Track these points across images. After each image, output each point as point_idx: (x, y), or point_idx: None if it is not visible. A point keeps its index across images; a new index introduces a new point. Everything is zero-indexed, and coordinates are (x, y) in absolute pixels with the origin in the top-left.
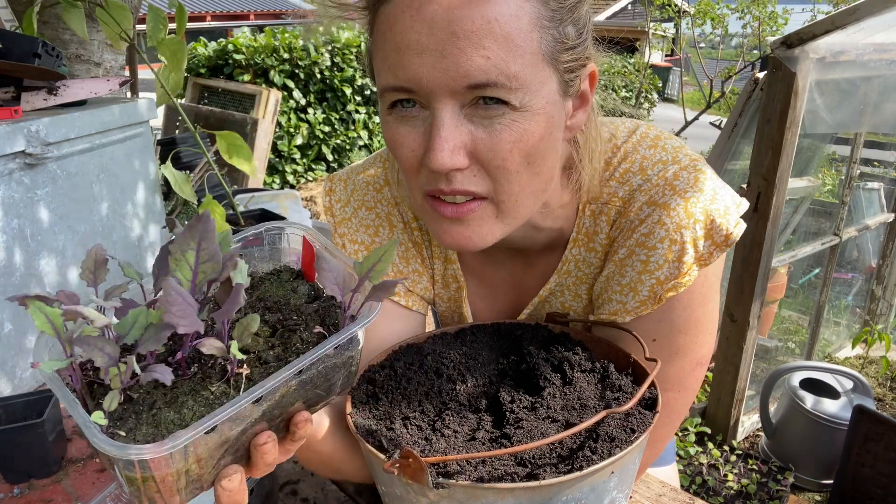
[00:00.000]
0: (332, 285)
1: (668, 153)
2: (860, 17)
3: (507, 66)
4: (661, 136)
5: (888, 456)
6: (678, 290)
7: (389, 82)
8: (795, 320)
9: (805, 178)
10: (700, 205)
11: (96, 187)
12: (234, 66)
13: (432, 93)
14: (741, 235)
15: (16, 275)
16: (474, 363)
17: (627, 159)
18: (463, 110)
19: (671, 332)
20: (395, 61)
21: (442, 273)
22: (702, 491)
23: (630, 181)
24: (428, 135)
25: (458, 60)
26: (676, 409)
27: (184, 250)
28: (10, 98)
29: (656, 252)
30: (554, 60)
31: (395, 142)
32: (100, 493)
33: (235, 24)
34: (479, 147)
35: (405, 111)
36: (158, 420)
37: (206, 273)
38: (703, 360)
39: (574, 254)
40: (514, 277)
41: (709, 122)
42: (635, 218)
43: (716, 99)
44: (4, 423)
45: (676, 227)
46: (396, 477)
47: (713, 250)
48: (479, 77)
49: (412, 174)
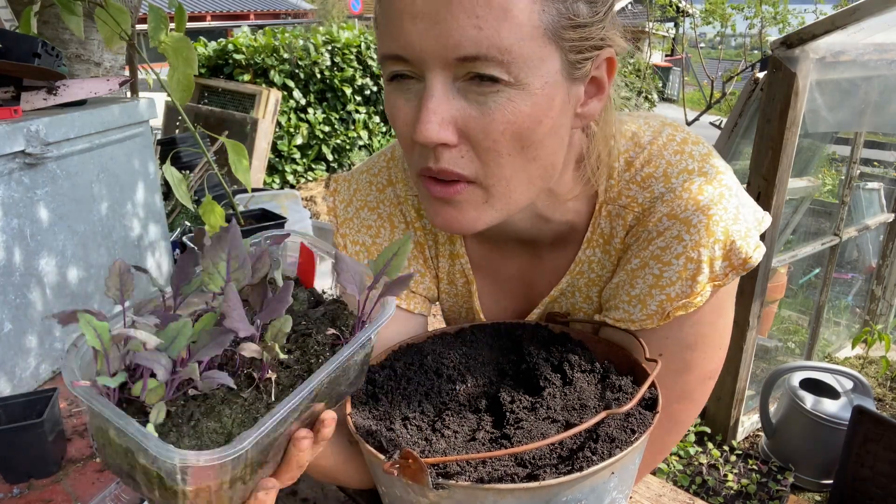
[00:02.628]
0: (352, 285)
1: (695, 161)
2: (860, 17)
3: (499, 38)
4: (688, 139)
5: (888, 456)
6: (688, 309)
7: (385, 50)
8: (795, 320)
9: (805, 178)
10: (722, 224)
11: (96, 187)
12: (234, 65)
13: (424, 62)
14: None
15: (16, 275)
16: (474, 363)
17: (651, 163)
18: (456, 84)
19: (679, 348)
20: (391, 27)
21: (448, 270)
22: (702, 491)
23: (652, 187)
24: (419, 107)
25: (450, 28)
26: (683, 421)
27: (215, 263)
28: (9, 98)
29: (670, 268)
30: (557, 37)
31: (392, 114)
32: (100, 493)
33: (235, 24)
34: (469, 125)
35: (403, 82)
36: (200, 431)
37: (240, 280)
38: (712, 374)
39: (588, 255)
40: (523, 273)
41: (709, 122)
42: (653, 229)
43: (716, 100)
44: (4, 423)
45: (695, 244)
46: (396, 478)
47: (729, 272)
48: (470, 49)
49: (407, 150)
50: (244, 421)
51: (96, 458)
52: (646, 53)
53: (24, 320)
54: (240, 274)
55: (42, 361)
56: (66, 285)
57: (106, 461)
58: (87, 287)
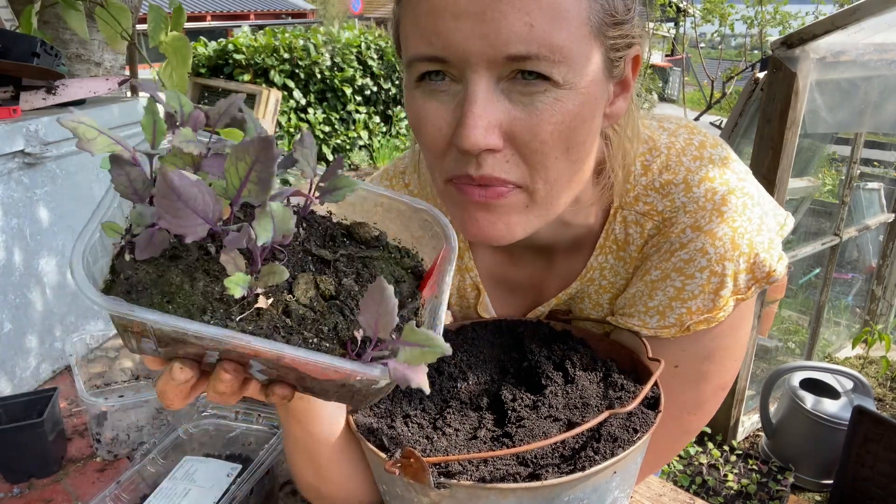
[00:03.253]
0: (370, 320)
1: (716, 168)
2: (860, 17)
3: (551, 37)
4: (705, 142)
5: (888, 456)
6: (710, 324)
7: (420, 51)
8: (795, 320)
9: (805, 178)
10: (747, 236)
11: (96, 187)
12: (234, 65)
13: (467, 62)
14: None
15: (15, 274)
16: (475, 361)
17: (670, 169)
18: (500, 84)
19: (696, 360)
20: (427, 26)
21: (457, 286)
22: (702, 491)
23: (672, 195)
24: (459, 111)
25: (499, 27)
26: (692, 431)
27: (238, 159)
28: (9, 97)
29: (693, 281)
30: (601, 34)
31: (420, 118)
32: (100, 492)
33: (235, 24)
34: (515, 127)
35: (434, 84)
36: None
37: (251, 193)
38: (725, 385)
39: (600, 261)
40: (534, 279)
41: (709, 122)
42: (676, 241)
43: (716, 100)
44: (5, 422)
45: (720, 258)
46: (398, 477)
47: (752, 285)
48: (520, 48)
49: (437, 157)
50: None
51: (96, 458)
52: (646, 53)
53: (24, 320)
54: (254, 189)
55: (42, 361)
56: (66, 285)
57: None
58: None
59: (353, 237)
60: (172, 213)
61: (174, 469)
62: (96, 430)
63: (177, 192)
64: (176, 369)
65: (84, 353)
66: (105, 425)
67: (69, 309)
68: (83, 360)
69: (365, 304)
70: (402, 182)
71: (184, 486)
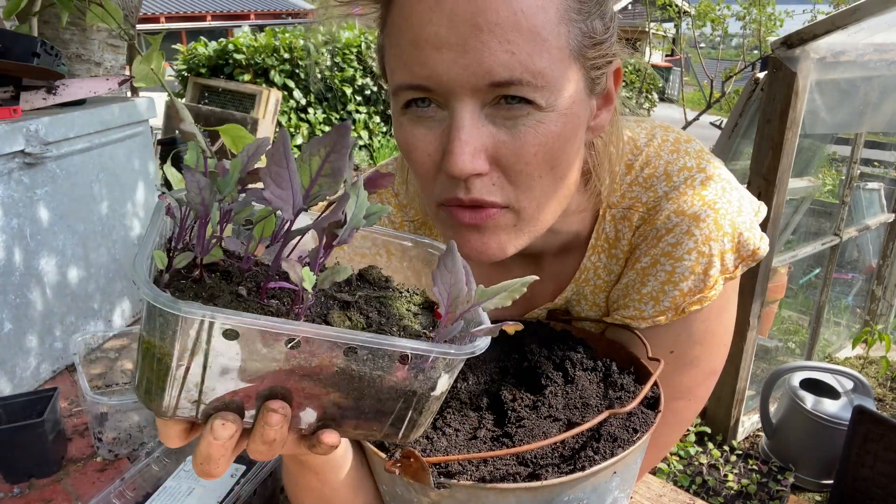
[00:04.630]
0: (443, 290)
1: (693, 158)
2: (860, 17)
3: (532, 63)
4: (680, 138)
5: (888, 456)
6: (703, 303)
7: (405, 80)
8: (795, 320)
9: (805, 178)
10: (728, 217)
11: (96, 186)
12: (234, 65)
13: (452, 91)
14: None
15: (16, 274)
16: (475, 361)
17: (650, 164)
18: (484, 110)
19: (689, 344)
20: (411, 57)
21: None
22: (702, 491)
23: (655, 186)
24: (446, 137)
25: (481, 56)
26: (685, 418)
27: (311, 154)
28: (9, 97)
29: (682, 263)
30: (581, 56)
31: (409, 145)
32: (100, 492)
33: (236, 24)
34: (500, 150)
35: (421, 111)
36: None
37: (322, 187)
38: (715, 371)
39: (593, 261)
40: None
41: (709, 122)
42: (662, 227)
43: (716, 99)
44: (5, 422)
45: (706, 238)
46: (398, 476)
47: (739, 264)
48: (503, 74)
49: (427, 181)
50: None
51: (97, 458)
52: (646, 54)
53: (24, 320)
54: (326, 182)
55: (42, 361)
56: (66, 285)
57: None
58: (88, 287)
59: (365, 279)
60: (277, 182)
61: (178, 468)
62: (98, 429)
63: (287, 159)
64: (217, 426)
65: (84, 354)
66: (106, 425)
67: (69, 309)
68: (84, 361)
69: (438, 273)
70: (392, 191)
71: (188, 485)
